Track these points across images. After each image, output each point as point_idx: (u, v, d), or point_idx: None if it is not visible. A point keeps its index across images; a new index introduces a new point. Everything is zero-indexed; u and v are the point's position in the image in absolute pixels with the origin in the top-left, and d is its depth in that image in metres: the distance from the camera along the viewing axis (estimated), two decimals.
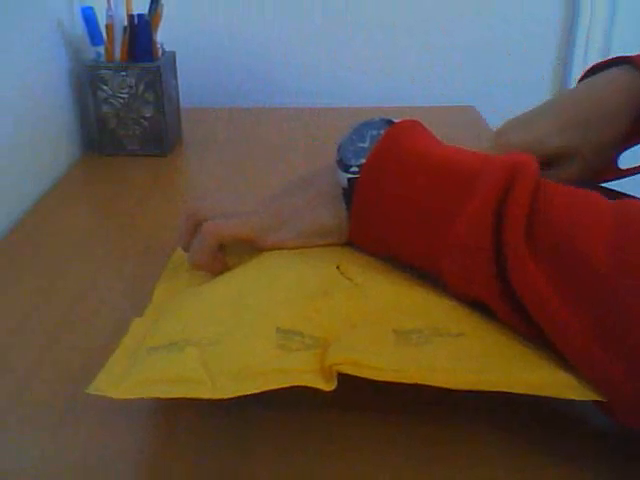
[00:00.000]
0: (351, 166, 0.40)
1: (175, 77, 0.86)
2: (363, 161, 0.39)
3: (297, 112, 1.00)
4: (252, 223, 0.44)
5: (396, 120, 0.41)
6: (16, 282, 0.53)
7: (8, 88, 0.67)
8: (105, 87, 0.78)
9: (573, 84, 0.57)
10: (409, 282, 0.40)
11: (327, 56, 1.10)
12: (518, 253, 0.33)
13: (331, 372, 0.33)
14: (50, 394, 0.40)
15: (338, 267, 0.41)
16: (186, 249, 0.47)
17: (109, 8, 0.77)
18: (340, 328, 0.36)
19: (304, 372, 0.33)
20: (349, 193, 0.40)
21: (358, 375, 0.33)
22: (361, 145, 0.40)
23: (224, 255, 0.45)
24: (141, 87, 0.78)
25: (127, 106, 0.79)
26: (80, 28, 0.79)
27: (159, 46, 0.81)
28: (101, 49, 0.79)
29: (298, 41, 1.08)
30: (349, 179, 0.40)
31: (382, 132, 0.40)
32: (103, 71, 0.78)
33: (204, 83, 1.07)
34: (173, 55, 0.85)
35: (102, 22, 0.78)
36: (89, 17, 0.77)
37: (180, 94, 0.87)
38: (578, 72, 1.11)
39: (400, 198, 0.38)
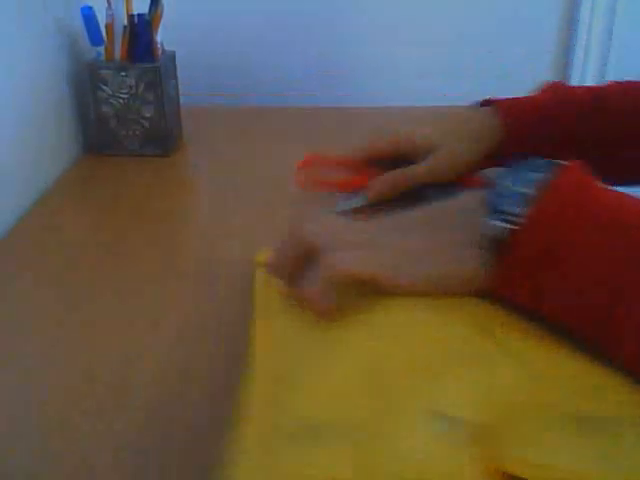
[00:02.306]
0: (511, 215, 0.35)
1: (175, 77, 0.86)
2: (525, 210, 0.35)
3: (298, 112, 1.00)
4: (382, 260, 0.38)
5: (560, 162, 0.37)
6: (16, 281, 0.53)
7: (8, 88, 0.67)
8: (105, 87, 0.78)
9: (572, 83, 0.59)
10: (569, 350, 0.34)
11: (328, 55, 1.10)
12: None
13: (498, 473, 0.28)
14: (51, 394, 0.40)
15: (481, 328, 0.36)
16: (285, 278, 0.42)
17: (109, 8, 0.77)
18: (501, 409, 0.30)
19: (470, 478, 0.28)
20: (499, 240, 0.36)
21: (532, 478, 0.27)
22: (521, 190, 0.36)
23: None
24: (141, 87, 0.78)
25: (127, 106, 0.79)
26: (80, 28, 0.79)
27: (159, 46, 0.81)
28: (101, 49, 0.79)
29: (299, 40, 1.08)
30: (505, 228, 0.35)
31: (547, 176, 0.36)
32: (103, 71, 0.78)
33: (204, 83, 1.07)
34: (173, 55, 0.84)
35: (102, 22, 0.78)
36: (89, 17, 0.77)
37: (180, 94, 0.87)
38: (577, 75, 1.11)
39: (579, 255, 0.34)
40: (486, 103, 0.65)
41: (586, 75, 1.11)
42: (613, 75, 1.11)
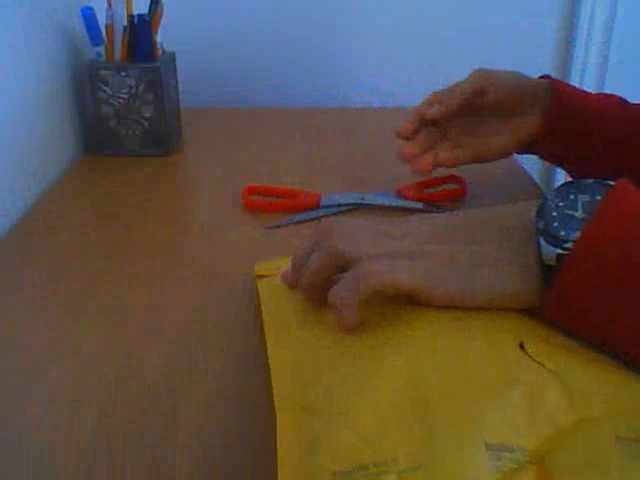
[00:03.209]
0: (564, 240, 0.34)
1: (175, 77, 0.86)
2: (578, 234, 0.34)
3: (297, 112, 1.00)
4: (424, 270, 0.37)
5: (610, 182, 0.36)
6: (15, 281, 0.53)
7: (8, 88, 0.67)
8: (105, 87, 0.78)
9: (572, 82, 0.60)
10: (614, 368, 0.34)
11: (327, 56, 1.10)
12: None
13: None
14: (51, 392, 0.40)
15: (522, 345, 0.34)
16: (307, 289, 0.40)
17: (109, 8, 0.77)
18: (550, 432, 0.29)
19: None
20: (548, 264, 0.35)
21: None
22: (571, 213, 0.35)
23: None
24: (141, 87, 0.78)
25: (127, 106, 0.79)
26: (80, 28, 0.79)
27: (159, 46, 0.81)
28: (101, 49, 0.79)
29: (298, 41, 1.08)
30: (557, 253, 0.34)
31: (597, 199, 0.35)
32: (103, 71, 0.78)
33: (204, 83, 1.07)
34: (173, 55, 0.85)
35: (102, 22, 0.78)
36: (89, 17, 0.77)
37: (180, 94, 0.88)
38: (577, 74, 1.11)
39: (632, 277, 0.33)
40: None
41: (586, 75, 1.11)
42: (613, 75, 1.11)
